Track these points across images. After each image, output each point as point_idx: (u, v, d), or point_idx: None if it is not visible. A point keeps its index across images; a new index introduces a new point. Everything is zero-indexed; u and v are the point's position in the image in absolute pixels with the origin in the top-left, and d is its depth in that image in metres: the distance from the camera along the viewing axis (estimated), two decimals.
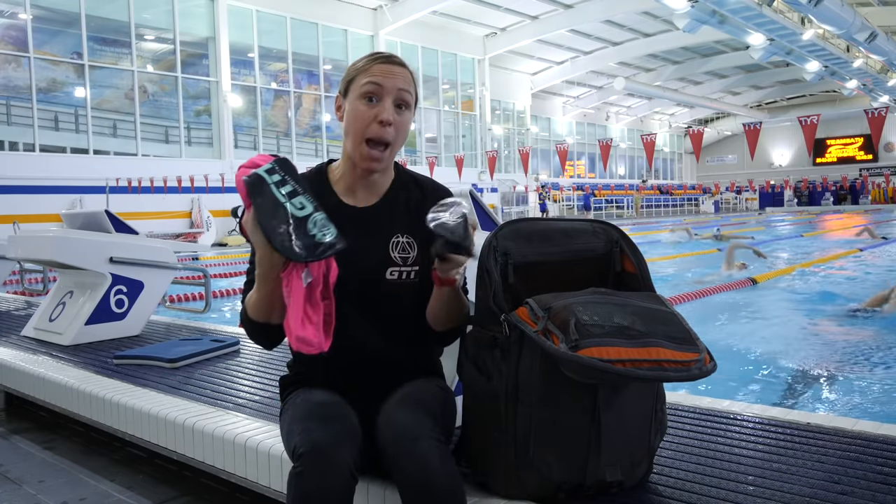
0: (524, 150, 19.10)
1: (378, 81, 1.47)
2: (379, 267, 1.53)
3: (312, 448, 1.29)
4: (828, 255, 10.65)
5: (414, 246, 1.56)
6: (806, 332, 5.33)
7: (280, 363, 2.97)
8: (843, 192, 36.71)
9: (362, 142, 1.49)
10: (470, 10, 23.32)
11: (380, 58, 1.52)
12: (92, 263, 3.72)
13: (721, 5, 17.06)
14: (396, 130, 1.50)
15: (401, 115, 1.50)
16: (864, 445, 1.79)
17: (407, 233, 1.56)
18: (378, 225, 1.56)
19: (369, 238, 1.54)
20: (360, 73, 1.50)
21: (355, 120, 1.49)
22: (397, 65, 1.51)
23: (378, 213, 1.57)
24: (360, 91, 1.48)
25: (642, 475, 1.55)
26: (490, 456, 1.49)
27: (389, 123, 1.48)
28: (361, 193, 1.58)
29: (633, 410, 1.47)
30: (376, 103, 1.48)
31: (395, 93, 1.48)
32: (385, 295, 1.55)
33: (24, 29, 15.78)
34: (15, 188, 14.99)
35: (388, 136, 1.49)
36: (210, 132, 19.54)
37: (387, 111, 1.47)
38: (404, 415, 1.39)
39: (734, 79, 33.96)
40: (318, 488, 1.26)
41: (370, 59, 1.52)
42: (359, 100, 1.49)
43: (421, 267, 1.56)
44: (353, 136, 1.50)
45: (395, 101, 1.49)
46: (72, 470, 2.48)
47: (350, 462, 1.31)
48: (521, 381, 1.41)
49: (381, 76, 1.48)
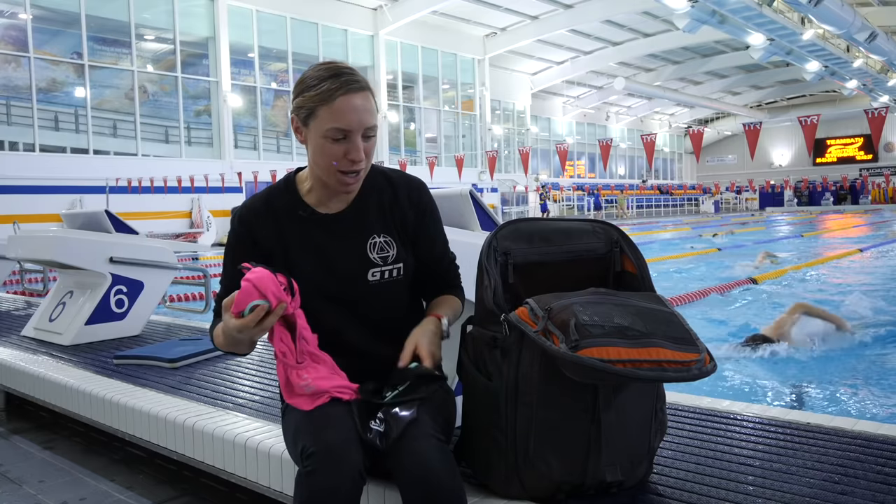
0: (524, 150, 19.08)
1: (343, 127, 1.41)
2: (360, 270, 1.53)
3: (323, 448, 1.30)
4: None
5: (392, 244, 1.56)
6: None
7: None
8: (844, 192, 36.68)
9: (335, 172, 1.47)
10: (470, 10, 23.31)
11: (340, 87, 1.41)
12: (92, 263, 3.72)
13: (721, 5, 17.05)
14: (367, 156, 1.47)
15: (368, 141, 1.47)
16: (864, 445, 1.79)
17: (384, 232, 1.56)
18: (353, 228, 1.55)
19: (347, 243, 1.54)
20: (322, 106, 1.41)
21: (324, 156, 1.45)
22: (360, 91, 1.43)
23: (352, 217, 1.56)
24: (324, 132, 1.42)
25: (642, 475, 1.55)
26: (490, 456, 1.49)
27: (361, 160, 1.45)
28: (334, 203, 1.57)
29: (634, 410, 1.47)
30: (344, 141, 1.43)
31: (362, 130, 1.44)
32: (373, 297, 1.55)
33: (24, 29, 15.78)
34: (15, 188, 14.99)
35: (360, 167, 1.47)
36: (210, 132, 19.54)
37: (357, 150, 1.44)
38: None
39: (734, 79, 33.95)
40: (329, 488, 1.27)
41: (330, 86, 1.41)
42: (324, 139, 1.43)
43: (404, 263, 1.57)
44: (325, 169, 1.47)
45: (364, 135, 1.45)
46: (72, 470, 2.48)
47: (359, 463, 1.31)
48: (521, 381, 1.41)
49: (346, 118, 1.41)
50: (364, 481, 1.32)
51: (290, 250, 1.54)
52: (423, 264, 1.63)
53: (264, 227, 1.54)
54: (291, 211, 1.55)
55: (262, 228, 1.54)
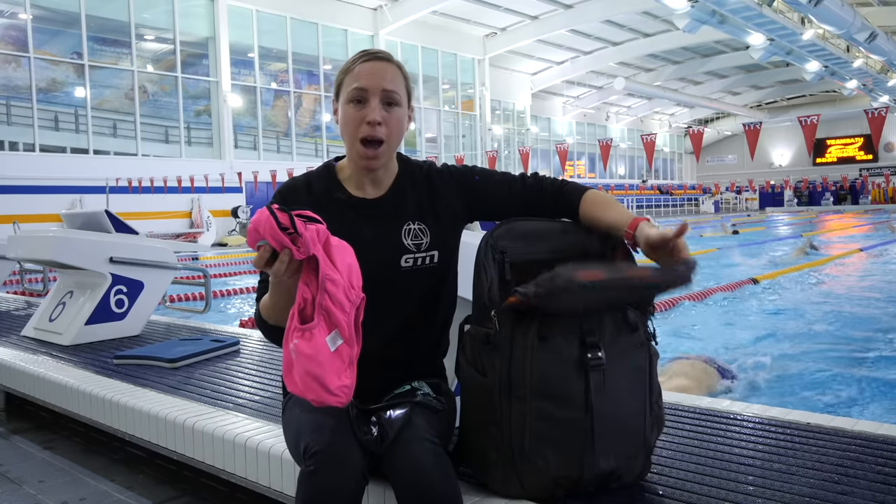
0: (524, 150, 19.10)
1: (362, 85, 1.48)
2: (393, 255, 1.53)
3: (326, 447, 1.30)
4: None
5: (426, 232, 1.57)
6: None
7: (280, 363, 2.97)
8: (844, 192, 36.67)
9: (356, 142, 1.50)
10: (470, 10, 23.31)
11: (363, 56, 1.52)
12: (92, 263, 3.72)
13: (721, 5, 17.05)
14: (388, 127, 1.50)
15: (390, 111, 1.50)
16: (864, 445, 1.79)
17: (419, 219, 1.57)
18: (389, 214, 1.57)
19: (382, 228, 1.55)
20: (347, 75, 1.52)
21: (346, 123, 1.51)
22: (381, 60, 1.52)
23: (388, 202, 1.58)
24: (347, 95, 1.50)
25: (640, 469, 1.55)
26: (487, 454, 1.50)
27: (378, 123, 1.48)
28: (370, 188, 1.58)
29: (627, 399, 1.48)
30: (363, 105, 1.49)
31: (381, 93, 1.49)
32: (405, 283, 1.54)
33: (24, 29, 15.77)
34: (15, 188, 14.98)
35: (379, 134, 1.49)
36: (210, 132, 19.53)
37: (374, 111, 1.48)
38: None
39: (734, 79, 33.94)
40: (331, 487, 1.27)
41: (355, 59, 1.53)
42: (348, 104, 1.50)
43: (439, 251, 1.57)
44: (348, 138, 1.52)
45: (383, 100, 1.49)
46: (72, 470, 2.48)
47: (362, 463, 1.31)
48: (513, 375, 1.43)
49: (365, 78, 1.48)
50: (366, 482, 1.32)
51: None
52: (526, 205, 1.64)
53: (304, 206, 1.52)
54: (330, 194, 1.56)
55: (301, 206, 1.53)
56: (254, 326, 5.34)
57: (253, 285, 8.08)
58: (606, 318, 1.46)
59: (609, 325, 1.46)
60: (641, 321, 1.51)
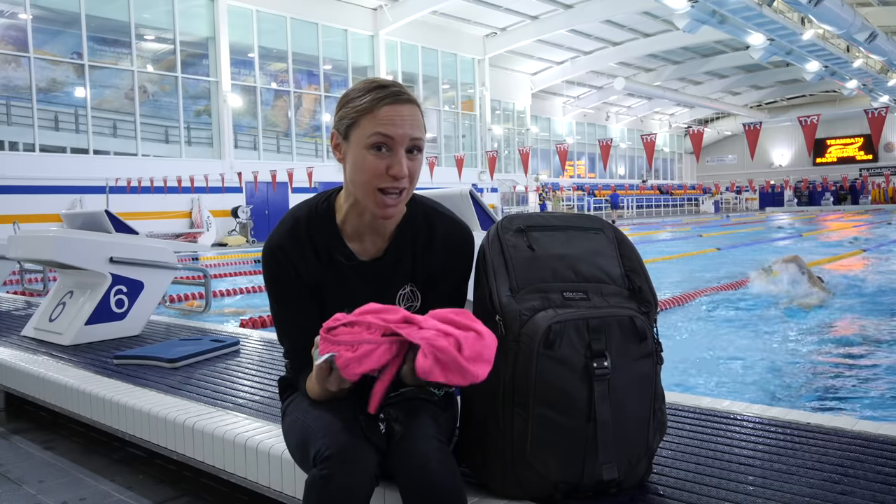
0: (524, 150, 19.07)
1: (388, 133, 1.34)
2: None
3: (339, 450, 1.28)
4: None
5: (417, 294, 1.56)
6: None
7: (280, 363, 2.97)
8: (844, 193, 36.69)
9: (374, 191, 1.38)
10: (470, 10, 23.32)
11: (386, 97, 1.35)
12: (92, 263, 3.72)
13: (721, 5, 17.06)
14: (410, 175, 1.39)
15: (413, 160, 1.39)
16: (864, 445, 1.79)
17: (411, 282, 1.55)
18: (385, 278, 1.54)
19: (378, 290, 1.52)
20: (364, 116, 1.35)
21: (364, 171, 1.37)
22: (406, 103, 1.37)
23: (385, 265, 1.53)
24: (366, 142, 1.35)
25: (641, 475, 1.54)
26: (488, 455, 1.49)
27: (404, 176, 1.37)
28: (369, 238, 1.52)
29: (631, 408, 1.47)
30: (387, 153, 1.36)
31: (407, 142, 1.36)
32: None
33: (24, 29, 15.78)
34: (15, 188, 14.99)
35: (402, 185, 1.39)
36: (210, 132, 19.54)
37: (401, 164, 1.35)
38: (405, 416, 1.39)
39: (734, 79, 33.95)
40: (345, 490, 1.25)
41: (374, 97, 1.35)
42: (367, 149, 1.36)
43: (423, 310, 1.52)
44: (363, 186, 1.39)
45: (408, 148, 1.37)
46: (72, 470, 2.48)
47: (374, 465, 1.31)
48: (517, 380, 1.41)
49: (391, 125, 1.34)
50: (377, 483, 1.31)
51: (326, 289, 1.52)
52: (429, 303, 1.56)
53: (306, 263, 1.49)
54: (330, 254, 1.50)
55: (303, 263, 1.49)
56: (254, 326, 5.34)
57: (253, 285, 8.08)
58: (614, 326, 1.44)
59: (616, 333, 1.43)
60: (649, 328, 1.47)
